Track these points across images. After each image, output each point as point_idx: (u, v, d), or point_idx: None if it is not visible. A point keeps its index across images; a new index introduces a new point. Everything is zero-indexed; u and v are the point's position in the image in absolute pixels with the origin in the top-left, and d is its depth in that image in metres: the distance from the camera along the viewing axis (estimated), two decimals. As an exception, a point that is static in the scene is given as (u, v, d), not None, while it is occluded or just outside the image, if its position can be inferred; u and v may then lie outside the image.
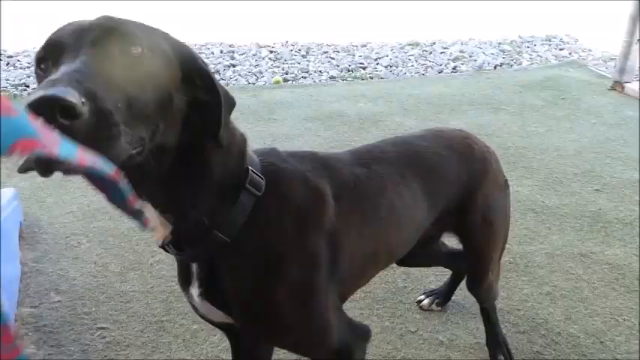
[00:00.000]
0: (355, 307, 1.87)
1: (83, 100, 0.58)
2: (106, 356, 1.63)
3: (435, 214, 1.29)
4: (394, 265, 2.04)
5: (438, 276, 2.02)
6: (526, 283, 1.99)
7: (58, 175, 0.76)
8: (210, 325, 1.72)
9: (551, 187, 2.64)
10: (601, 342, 1.73)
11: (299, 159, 1.05)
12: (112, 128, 0.62)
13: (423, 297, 1.90)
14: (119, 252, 2.11)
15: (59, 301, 1.84)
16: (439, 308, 1.88)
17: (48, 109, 0.55)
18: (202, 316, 1.06)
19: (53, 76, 0.61)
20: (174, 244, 0.91)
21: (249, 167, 0.93)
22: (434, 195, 1.26)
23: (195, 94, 0.81)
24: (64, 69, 0.63)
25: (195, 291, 0.98)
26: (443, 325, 1.80)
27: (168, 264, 2.05)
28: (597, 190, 2.62)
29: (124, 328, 1.74)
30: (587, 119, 3.49)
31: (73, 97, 0.57)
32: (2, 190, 2.17)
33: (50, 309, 1.80)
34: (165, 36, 0.80)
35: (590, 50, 5.32)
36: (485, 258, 1.45)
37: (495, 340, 1.67)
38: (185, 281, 1.00)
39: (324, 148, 3.03)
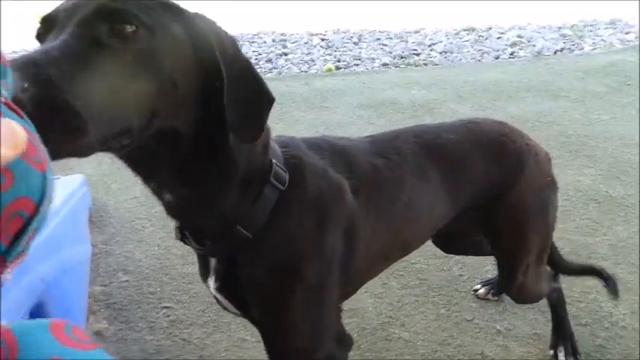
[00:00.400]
0: (410, 294, 1.88)
1: (25, 85, 0.52)
2: (170, 333, 1.70)
3: (456, 210, 1.23)
4: (449, 254, 2.04)
5: (494, 266, 1.99)
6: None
7: (121, 164, 0.79)
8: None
9: (615, 177, 2.54)
10: (669, 337, 1.67)
11: (317, 149, 1.01)
12: (72, 122, 0.56)
13: (479, 286, 1.89)
14: (181, 236, 2.19)
15: (127, 280, 1.93)
16: (495, 298, 1.86)
17: None
18: (223, 307, 1.04)
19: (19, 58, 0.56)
20: (195, 237, 0.89)
21: (274, 160, 0.89)
22: (456, 191, 1.19)
23: (213, 81, 0.73)
24: (37, 49, 0.59)
25: (212, 284, 0.96)
26: (500, 315, 1.78)
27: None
28: (665, 180, 2.51)
29: (186, 307, 1.82)
30: (654, 106, 3.33)
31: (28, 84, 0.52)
32: (72, 176, 2.29)
33: (119, 287, 1.90)
34: (183, 16, 0.72)
35: (658, 33, 5.06)
36: (514, 261, 1.35)
37: (561, 333, 1.64)
38: (204, 273, 0.98)
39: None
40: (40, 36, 0.67)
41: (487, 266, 1.99)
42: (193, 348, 1.66)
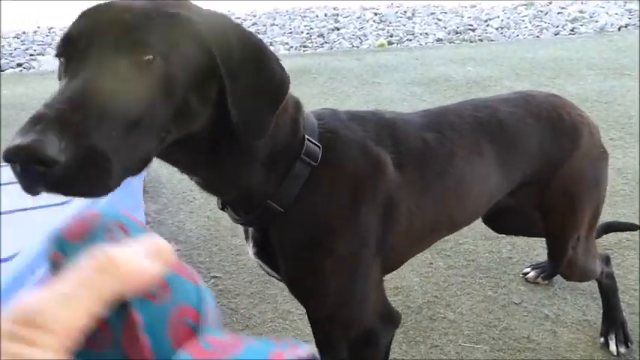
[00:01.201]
0: (457, 274, 1.86)
1: (63, 144, 0.56)
2: (219, 302, 1.76)
3: (512, 185, 1.22)
4: (500, 235, 2.00)
5: (545, 249, 1.94)
6: (645, 262, 1.86)
7: None
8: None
9: (680, 160, 2.42)
10: None
11: (361, 122, 1.00)
12: (99, 165, 0.60)
13: (528, 269, 1.85)
14: (230, 208, 2.25)
15: (178, 250, 2.00)
16: (546, 282, 1.81)
17: (23, 159, 0.56)
18: (265, 272, 1.08)
19: (41, 110, 0.60)
20: (232, 208, 0.94)
21: (306, 135, 0.90)
22: (511, 166, 1.18)
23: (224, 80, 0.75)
24: (56, 97, 0.62)
25: (250, 249, 1.01)
26: (549, 300, 1.75)
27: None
28: None
29: (234, 278, 1.87)
30: None
31: (50, 145, 0.55)
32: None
33: (171, 256, 1.98)
34: (190, 27, 0.72)
35: None
36: (566, 234, 1.33)
37: (612, 320, 1.59)
38: (246, 237, 1.04)
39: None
40: (60, 55, 0.69)
41: (538, 249, 1.95)
42: (240, 318, 1.71)
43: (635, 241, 1.95)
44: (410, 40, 4.54)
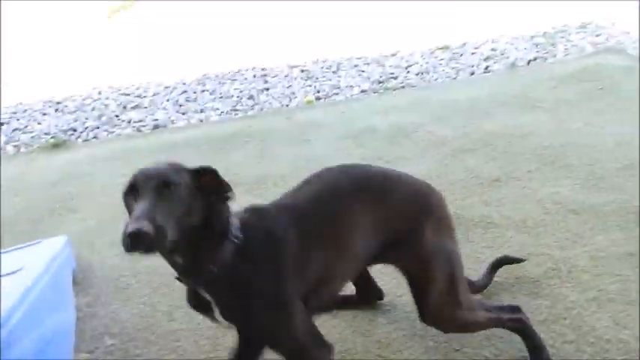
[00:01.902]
0: (398, 328, 1.88)
1: (151, 226, 1.11)
2: (158, 395, 1.70)
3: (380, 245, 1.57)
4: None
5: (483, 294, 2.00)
6: (570, 289, 1.94)
7: (106, 217, 0.85)
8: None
9: (592, 185, 2.56)
10: (654, 347, 1.67)
11: (275, 210, 1.50)
12: (164, 237, 1.14)
13: None
14: (166, 290, 2.20)
15: (113, 344, 1.94)
16: None
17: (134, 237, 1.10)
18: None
19: (137, 213, 1.14)
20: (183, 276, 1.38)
21: (231, 225, 1.37)
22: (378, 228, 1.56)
23: (207, 197, 1.32)
24: (140, 207, 1.16)
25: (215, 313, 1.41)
26: (487, 341, 1.79)
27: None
28: (642, 183, 2.53)
29: (174, 366, 1.82)
30: (627, 109, 3.36)
31: (148, 227, 1.10)
32: (55, 238, 2.31)
33: (105, 352, 1.90)
34: (188, 172, 1.32)
35: (628, 33, 5.11)
36: (423, 291, 1.62)
37: (538, 357, 1.66)
38: (195, 303, 1.47)
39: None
40: (126, 195, 1.26)
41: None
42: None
43: (560, 270, 2.04)
44: (336, 94, 4.68)
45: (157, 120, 4.62)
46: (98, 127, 4.41)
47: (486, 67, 4.73)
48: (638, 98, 3.42)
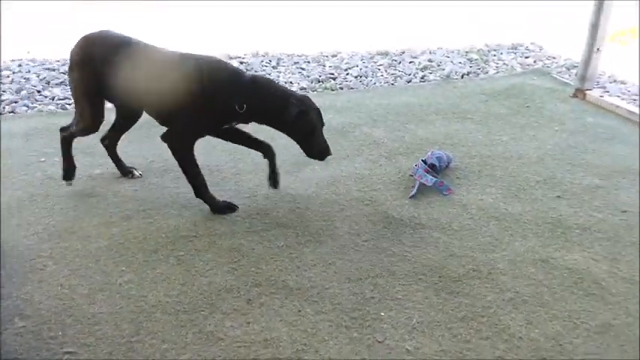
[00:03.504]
0: (325, 319, 1.90)
1: None
2: (73, 379, 1.63)
3: None
4: (362, 275, 2.09)
5: (404, 286, 2.06)
6: (489, 289, 2.04)
7: (23, 196, 0.78)
8: (180, 344, 1.74)
9: (514, 195, 2.71)
10: (560, 345, 1.79)
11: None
12: None
13: None
14: (87, 273, 2.11)
15: (24, 326, 1.83)
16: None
17: None
18: None
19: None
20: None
21: None
22: None
23: None
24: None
25: None
26: (409, 334, 1.84)
27: (137, 283, 2.05)
28: (558, 196, 2.70)
29: (92, 351, 1.74)
30: (549, 126, 3.59)
31: None
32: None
33: (15, 334, 1.79)
34: None
35: (554, 58, 5.46)
36: None
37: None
38: None
39: (294, 160, 3.05)
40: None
41: (397, 287, 2.06)
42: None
43: (481, 271, 2.14)
44: (274, 88, 4.67)
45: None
46: (16, 102, 4.13)
47: (423, 77, 4.88)
48: (559, 119, 3.66)
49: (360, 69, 5.09)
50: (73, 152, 2.67)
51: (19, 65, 5.05)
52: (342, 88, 4.61)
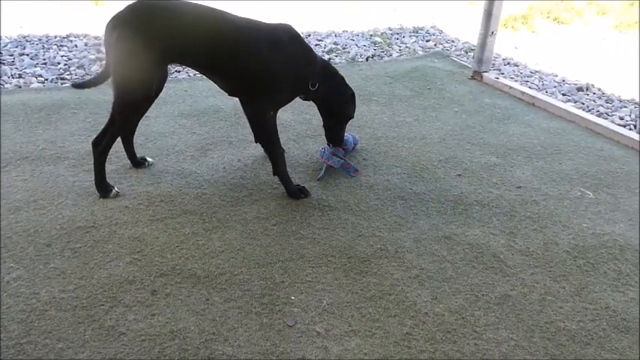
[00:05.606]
0: (234, 306, 1.85)
1: None
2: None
3: None
4: (271, 260, 2.06)
5: (314, 268, 2.06)
6: (396, 268, 2.09)
7: None
8: (77, 342, 1.63)
9: (418, 175, 2.80)
10: (463, 318, 1.87)
11: None
12: None
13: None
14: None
15: None
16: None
17: None
18: None
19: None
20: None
21: None
22: None
23: None
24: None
25: None
26: (319, 317, 1.84)
27: (27, 280, 1.89)
28: (459, 175, 2.82)
29: None
30: (450, 108, 3.74)
31: None
32: None
33: None
34: None
35: (453, 41, 5.68)
36: None
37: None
38: None
39: (200, 145, 2.95)
40: None
41: (307, 270, 2.05)
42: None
43: (388, 250, 2.19)
44: (178, 71, 4.48)
45: (-37, 81, 3.98)
46: None
47: (329, 60, 4.90)
48: (458, 100, 3.81)
49: (267, 51, 5.03)
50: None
51: None
52: (248, 70, 4.52)
